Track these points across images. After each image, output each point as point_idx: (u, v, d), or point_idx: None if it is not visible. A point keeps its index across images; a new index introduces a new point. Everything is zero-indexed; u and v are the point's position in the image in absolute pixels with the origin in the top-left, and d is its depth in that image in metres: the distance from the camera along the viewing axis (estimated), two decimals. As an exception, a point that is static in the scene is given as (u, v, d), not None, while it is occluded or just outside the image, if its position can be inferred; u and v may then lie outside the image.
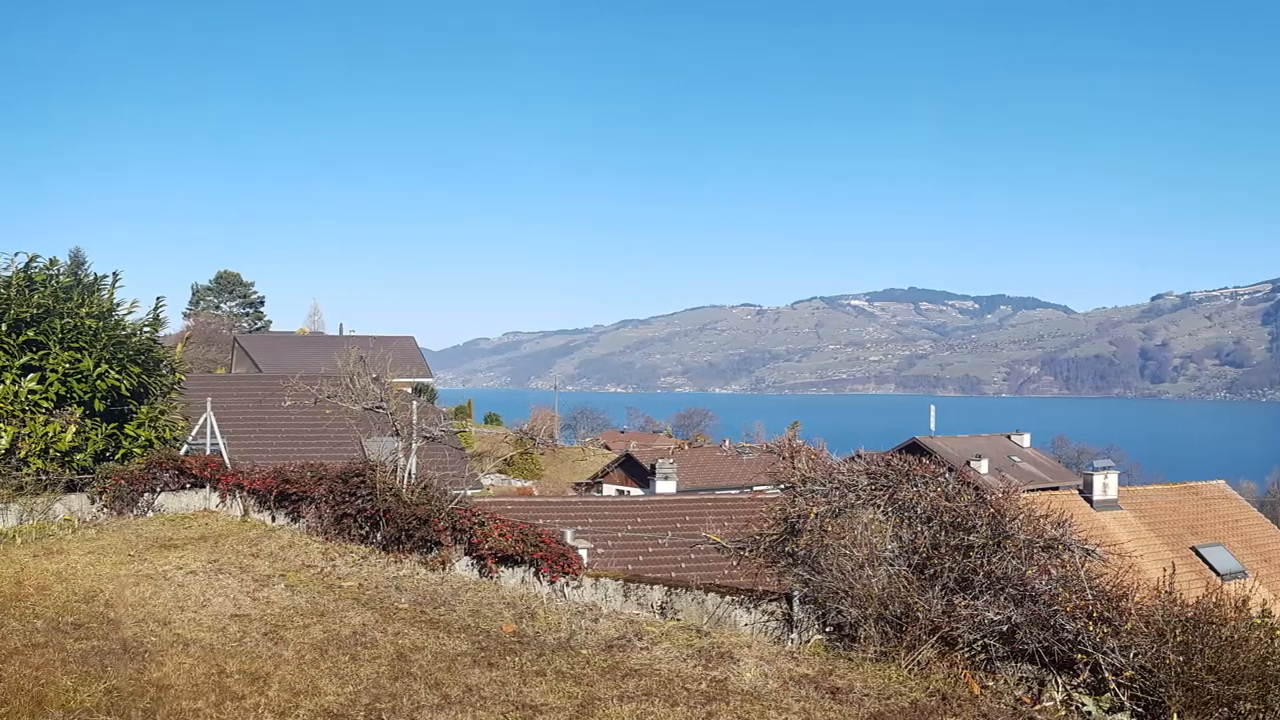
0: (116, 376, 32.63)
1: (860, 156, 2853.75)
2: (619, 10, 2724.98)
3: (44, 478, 30.17)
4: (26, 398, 30.92)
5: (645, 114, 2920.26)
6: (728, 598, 21.76)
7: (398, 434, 28.61)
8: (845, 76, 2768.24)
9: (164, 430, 34.61)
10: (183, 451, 33.69)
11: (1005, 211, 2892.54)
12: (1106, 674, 18.44)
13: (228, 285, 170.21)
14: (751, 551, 22.09)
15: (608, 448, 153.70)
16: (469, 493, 35.31)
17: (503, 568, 24.80)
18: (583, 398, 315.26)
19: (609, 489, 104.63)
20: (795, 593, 20.27)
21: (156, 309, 36.69)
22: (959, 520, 20.01)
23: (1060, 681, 18.64)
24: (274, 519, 29.22)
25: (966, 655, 18.53)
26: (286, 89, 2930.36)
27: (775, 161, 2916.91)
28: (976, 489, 21.78)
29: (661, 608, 22.73)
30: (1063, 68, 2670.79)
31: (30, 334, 31.48)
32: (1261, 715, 19.25)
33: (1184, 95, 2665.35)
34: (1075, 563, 20.80)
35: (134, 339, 34.33)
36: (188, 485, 31.12)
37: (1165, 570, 24.83)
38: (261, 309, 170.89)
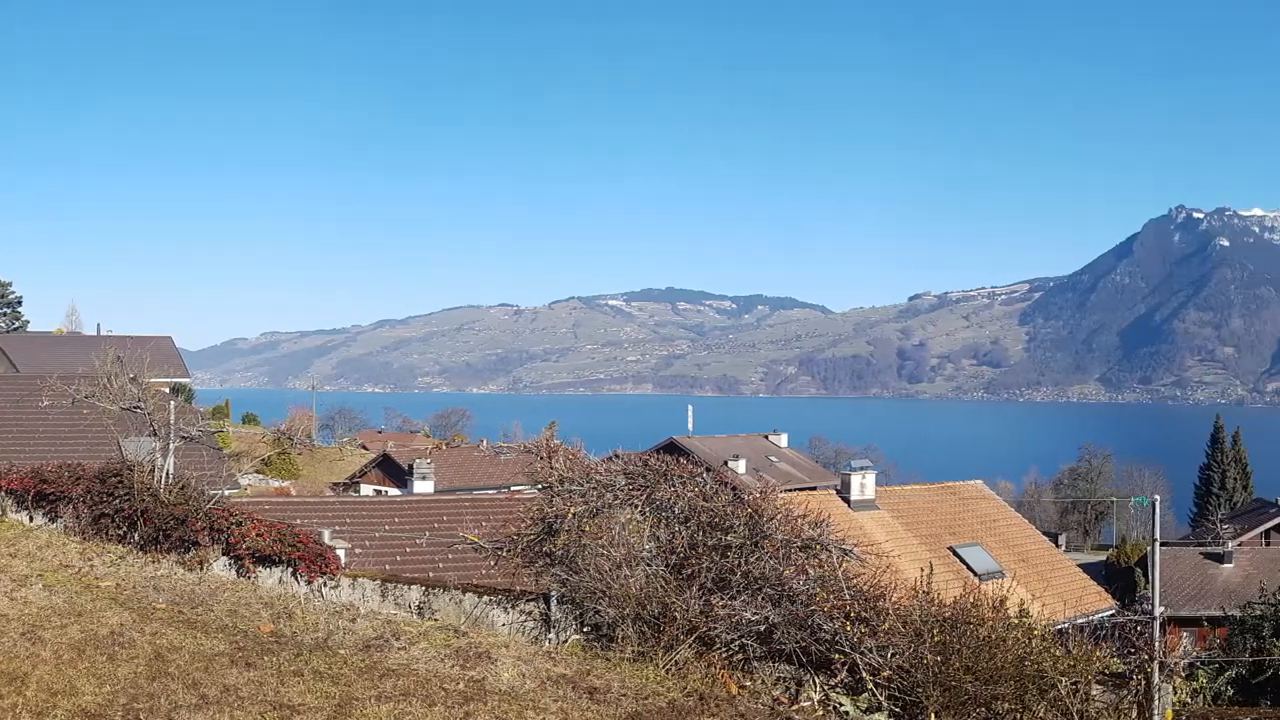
0: None
1: (616, 155, 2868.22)
2: (368, 8, 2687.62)
3: None
4: None
5: (400, 113, 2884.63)
6: (485, 598, 22.15)
7: (155, 434, 28.48)
8: (603, 76, 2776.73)
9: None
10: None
11: (763, 211, 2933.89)
12: (864, 674, 19.18)
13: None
14: (509, 552, 22.36)
15: (365, 448, 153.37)
16: (226, 493, 35.10)
17: (260, 567, 24.87)
18: (341, 398, 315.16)
19: (366, 489, 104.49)
20: (553, 593, 20.70)
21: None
22: (716, 520, 20.64)
23: (818, 681, 19.38)
24: (32, 519, 28.78)
25: (724, 655, 19.06)
26: (34, 77, 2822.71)
27: (532, 160, 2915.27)
28: (734, 489, 22.54)
29: (419, 608, 23.04)
30: (819, 66, 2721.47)
31: None
32: (1019, 715, 20.36)
33: (938, 95, 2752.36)
34: (833, 563, 21.64)
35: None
36: (-57, 487, 30.35)
37: (923, 570, 26.02)
38: (19, 309, 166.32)
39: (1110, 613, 47.49)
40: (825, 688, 19.35)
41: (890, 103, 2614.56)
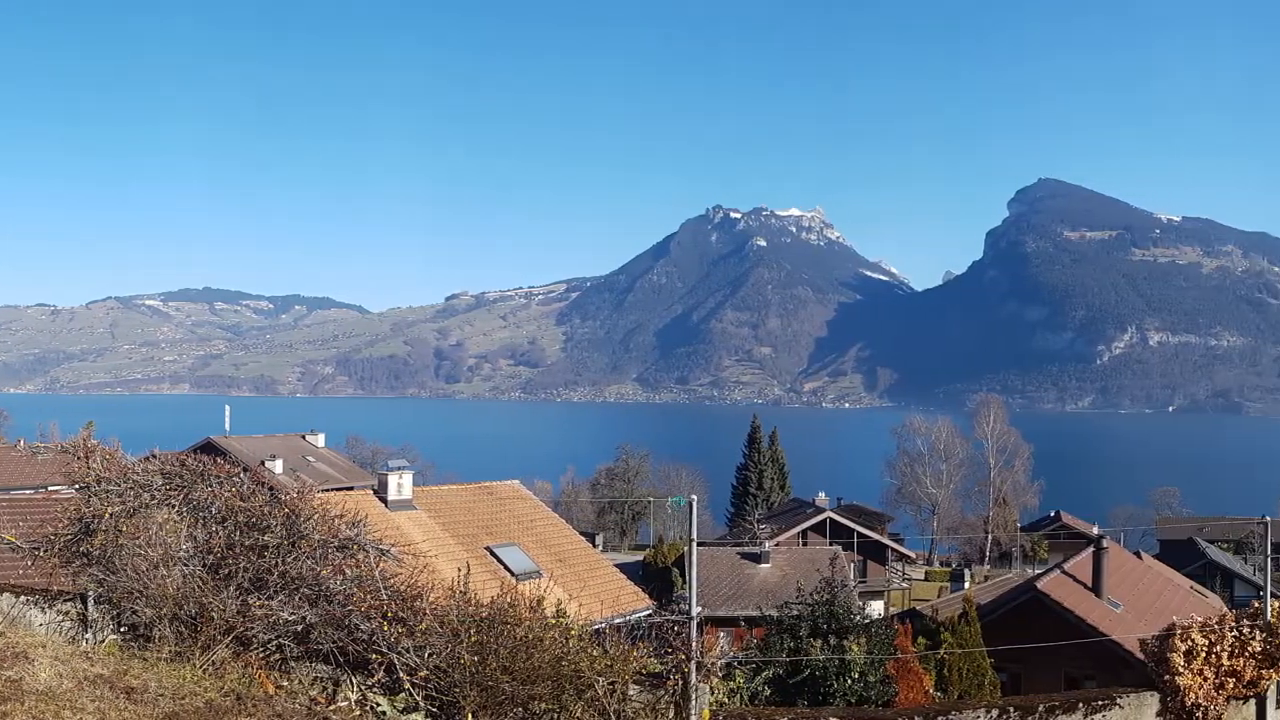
0: None
1: (153, 155, 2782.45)
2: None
3: None
4: None
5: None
6: (22, 598, 21.70)
7: None
8: (123, 74, 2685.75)
9: None
10: None
11: (299, 211, 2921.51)
12: (402, 674, 19.68)
13: None
14: (46, 551, 21.93)
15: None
16: None
17: None
18: None
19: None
20: (90, 593, 20.50)
21: None
22: (254, 520, 20.81)
23: (355, 681, 19.80)
24: None
25: (262, 655, 19.20)
26: None
27: (68, 159, 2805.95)
28: (271, 489, 22.82)
29: (-45, 607, 22.48)
30: (349, 67, 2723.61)
31: None
32: (556, 715, 21.25)
33: (474, 94, 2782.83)
34: (370, 563, 22.10)
35: None
36: None
37: (460, 570, 26.79)
38: None
39: (647, 612, 49.06)
40: (363, 687, 19.70)
41: (421, 100, 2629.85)
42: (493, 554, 50.48)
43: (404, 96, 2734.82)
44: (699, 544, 32.23)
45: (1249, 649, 36.30)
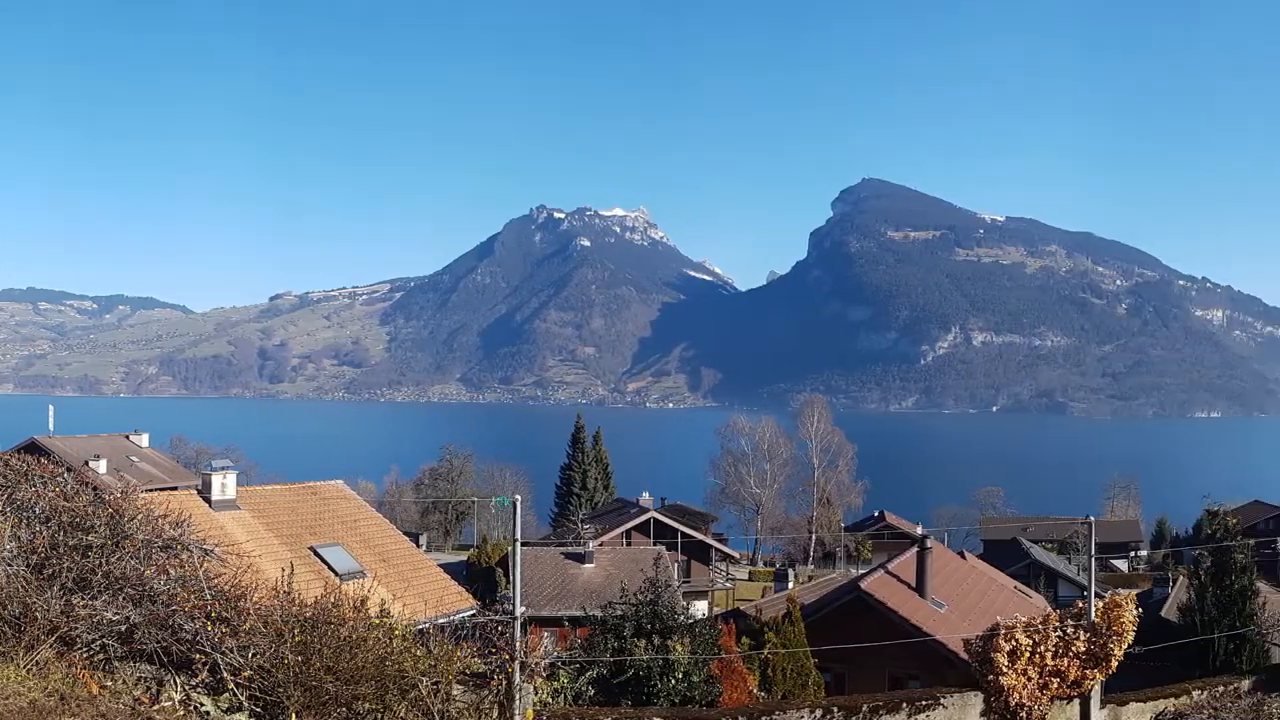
0: None
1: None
2: None
3: None
4: None
5: None
6: None
7: None
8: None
9: None
10: None
11: (124, 210, 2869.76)
12: (226, 674, 19.81)
13: None
14: None
15: None
16: None
17: None
18: None
19: None
20: (-88, 593, 20.53)
21: None
22: (78, 520, 20.75)
23: (179, 681, 19.83)
24: None
25: (86, 655, 19.11)
26: None
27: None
28: (95, 489, 22.81)
29: None
30: (175, 66, 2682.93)
31: None
32: (380, 715, 21.47)
33: (291, 95, 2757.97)
34: (194, 563, 22.14)
35: None
36: None
37: (284, 570, 26.95)
38: None
39: (471, 612, 49.12)
40: (187, 687, 19.71)
41: (246, 100, 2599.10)
42: (317, 554, 50.33)
43: (229, 96, 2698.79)
44: (523, 544, 32.59)
45: (1073, 649, 37.41)
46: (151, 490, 42.38)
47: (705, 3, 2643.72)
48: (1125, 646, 38.64)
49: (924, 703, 38.40)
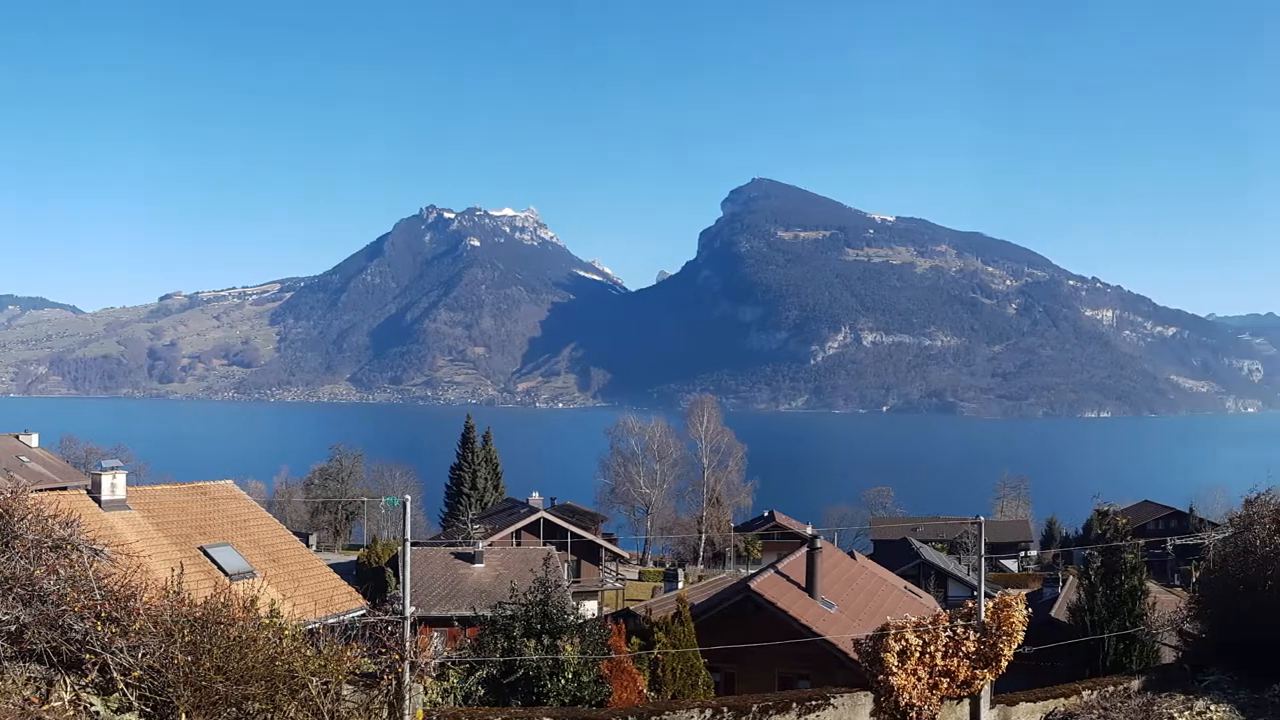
0: None
1: None
2: None
3: None
4: None
5: None
6: None
7: None
8: None
9: None
10: None
11: (12, 210, 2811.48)
12: (116, 674, 19.88)
13: None
14: None
15: None
16: None
17: None
18: None
19: None
20: None
21: None
22: (-34, 521, 20.90)
23: (69, 681, 19.80)
24: None
25: None
26: None
27: None
28: (-15, 489, 22.77)
29: None
30: (66, 66, 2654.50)
31: None
32: (270, 715, 21.55)
33: (190, 94, 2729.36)
34: (84, 563, 22.14)
35: None
36: None
37: (174, 570, 26.95)
38: None
39: (361, 612, 49.11)
40: (76, 688, 19.68)
41: (136, 99, 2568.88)
42: (206, 554, 50.11)
43: (118, 96, 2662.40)
44: (413, 544, 32.70)
45: (963, 649, 37.75)
46: (41, 490, 42.03)
47: (595, 4, 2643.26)
48: (1015, 646, 38.63)
49: (814, 703, 38.59)
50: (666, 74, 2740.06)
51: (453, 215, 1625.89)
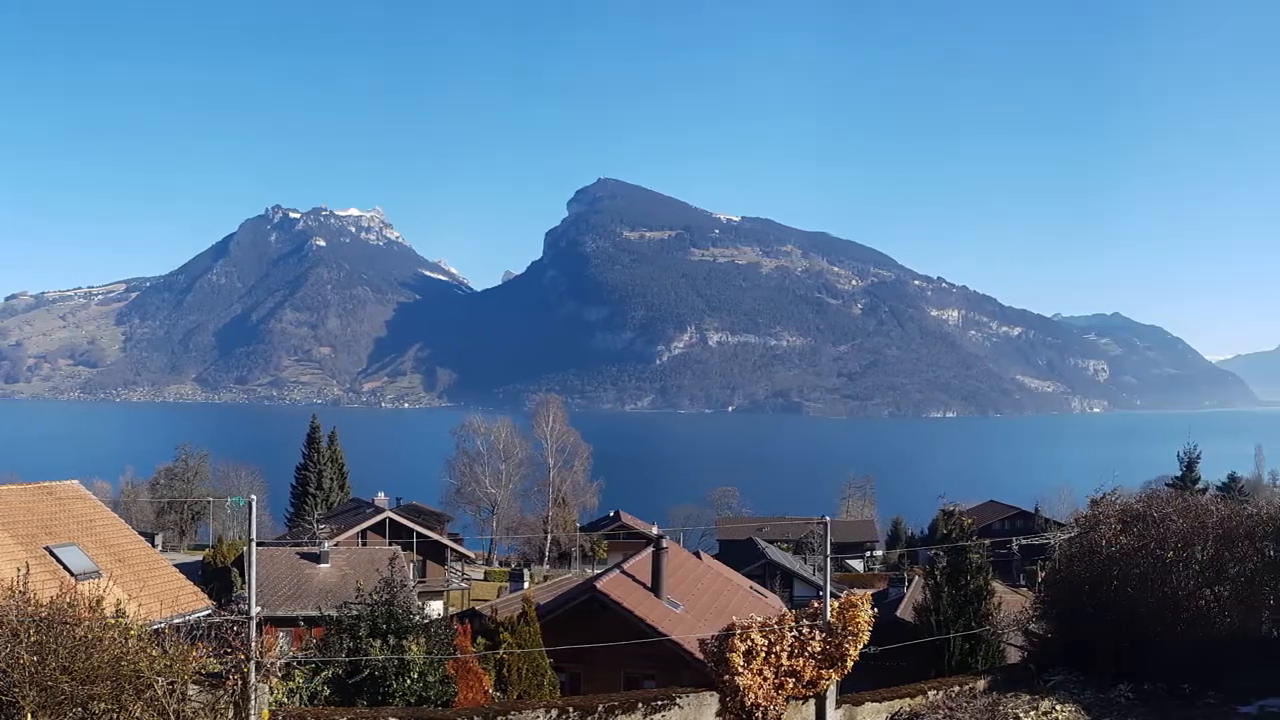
0: None
1: None
2: None
3: None
4: None
5: None
6: None
7: None
8: None
9: None
10: None
11: None
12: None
13: None
14: None
15: None
16: None
17: None
18: None
19: None
20: None
21: None
22: None
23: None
24: None
25: None
26: None
27: None
28: None
29: None
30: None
31: None
32: (116, 714, 21.65)
33: (21, 95, 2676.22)
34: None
35: None
36: None
37: (20, 571, 26.88)
38: None
39: (207, 613, 48.85)
40: (-81, 689, 19.75)
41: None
42: (52, 554, 49.60)
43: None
44: (258, 544, 32.72)
45: (809, 649, 38.29)
46: None
47: (443, 2, 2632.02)
48: (861, 646, 38.96)
49: (660, 703, 38.95)
50: (513, 73, 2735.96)
51: (298, 215, 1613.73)
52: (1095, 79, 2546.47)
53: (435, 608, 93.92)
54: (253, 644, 27.19)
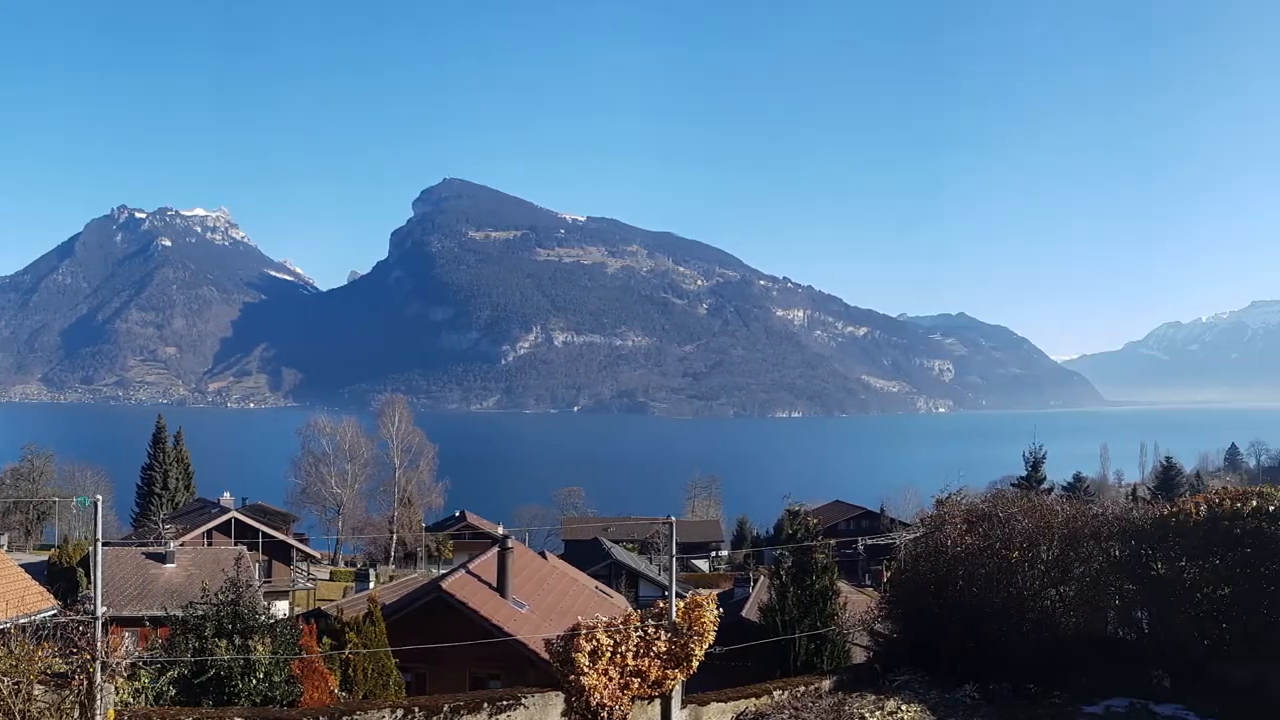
0: None
1: None
2: None
3: None
4: None
5: None
6: None
7: None
8: None
9: None
10: None
11: None
12: None
13: None
14: None
15: None
16: None
17: None
18: None
19: None
20: None
21: None
22: None
23: None
24: None
25: None
26: None
27: None
28: None
29: None
30: None
31: None
32: None
33: None
34: None
35: None
36: None
37: None
38: None
39: (53, 613, 48.42)
40: None
41: None
42: None
43: None
44: (104, 544, 32.53)
45: (654, 649, 38.50)
46: None
47: (285, 3, 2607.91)
48: (706, 646, 38.95)
49: (505, 702, 39.15)
50: (357, 73, 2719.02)
51: (144, 215, 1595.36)
52: (939, 80, 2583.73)
53: (281, 608, 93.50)
54: (98, 644, 27.12)
